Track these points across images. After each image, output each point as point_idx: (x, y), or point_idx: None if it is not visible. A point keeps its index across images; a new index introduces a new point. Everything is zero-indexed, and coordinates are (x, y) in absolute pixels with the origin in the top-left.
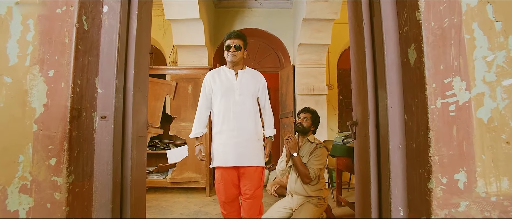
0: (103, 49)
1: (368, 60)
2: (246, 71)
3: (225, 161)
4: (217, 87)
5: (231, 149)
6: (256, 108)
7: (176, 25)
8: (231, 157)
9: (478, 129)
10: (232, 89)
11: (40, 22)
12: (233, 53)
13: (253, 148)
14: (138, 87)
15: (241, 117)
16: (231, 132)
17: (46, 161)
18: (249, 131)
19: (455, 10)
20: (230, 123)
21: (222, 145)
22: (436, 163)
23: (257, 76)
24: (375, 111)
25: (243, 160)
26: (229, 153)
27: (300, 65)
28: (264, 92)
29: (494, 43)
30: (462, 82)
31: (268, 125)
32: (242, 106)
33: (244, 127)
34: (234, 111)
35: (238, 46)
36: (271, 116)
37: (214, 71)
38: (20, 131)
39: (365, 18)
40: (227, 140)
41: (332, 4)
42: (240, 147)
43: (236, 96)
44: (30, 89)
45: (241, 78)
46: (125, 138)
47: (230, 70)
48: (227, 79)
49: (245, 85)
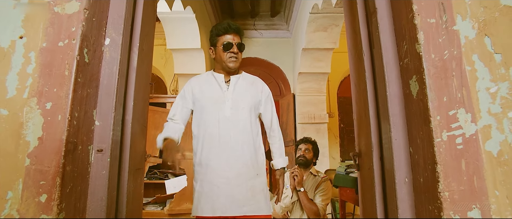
0: (102, 81)
1: (370, 92)
2: (242, 76)
3: (211, 208)
4: (200, 99)
5: (220, 189)
6: (256, 128)
7: (178, 55)
8: (215, 202)
9: (488, 163)
10: (221, 101)
11: (41, 55)
12: (236, 56)
13: (251, 188)
14: (137, 119)
15: (233, 140)
16: (219, 164)
17: (36, 198)
18: (245, 162)
19: (454, 43)
20: (216, 149)
21: (206, 183)
22: (447, 199)
23: (257, 83)
24: (378, 143)
25: (234, 207)
26: (216, 195)
27: (301, 94)
28: (268, 106)
29: (495, 75)
30: (467, 114)
31: (278, 153)
32: (234, 124)
33: (237, 156)
34: (222, 132)
35: (240, 45)
36: (282, 140)
37: (197, 77)
38: (11, 166)
39: (365, 50)
40: (213, 176)
41: (331, 34)
42: (232, 186)
43: (226, 111)
44: (26, 122)
45: (235, 86)
46: (122, 172)
47: (219, 75)
48: (213, 86)
49: (240, 94)
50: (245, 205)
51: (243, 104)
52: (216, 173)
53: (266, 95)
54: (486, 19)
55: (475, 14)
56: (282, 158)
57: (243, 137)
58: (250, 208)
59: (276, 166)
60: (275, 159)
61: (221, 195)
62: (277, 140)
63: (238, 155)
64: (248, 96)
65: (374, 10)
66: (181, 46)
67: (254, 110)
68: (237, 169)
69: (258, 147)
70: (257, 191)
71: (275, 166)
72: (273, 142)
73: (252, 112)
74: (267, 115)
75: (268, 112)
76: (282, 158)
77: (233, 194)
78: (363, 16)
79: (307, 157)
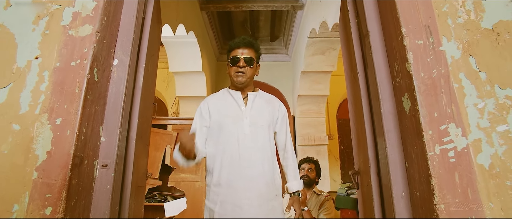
0: (110, 99)
1: (365, 110)
2: (259, 94)
3: None
4: (218, 116)
5: (243, 211)
6: (273, 146)
7: (179, 78)
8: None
9: (481, 176)
10: (239, 118)
11: (54, 74)
12: (242, 71)
13: (272, 209)
14: (140, 136)
15: (253, 158)
16: (240, 184)
17: (41, 210)
18: (266, 181)
19: (441, 62)
20: (236, 168)
21: (228, 205)
22: (443, 211)
23: (274, 102)
24: (375, 159)
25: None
26: (234, 216)
27: (300, 116)
28: (284, 126)
29: (482, 92)
30: (457, 128)
31: (293, 175)
32: (253, 142)
33: (258, 175)
34: (242, 150)
35: (249, 59)
36: (296, 162)
37: (213, 95)
38: (19, 179)
39: (359, 71)
40: (236, 198)
41: (328, 57)
42: (255, 207)
43: (245, 128)
44: (36, 136)
45: (253, 103)
46: (124, 188)
47: (236, 92)
48: (231, 103)
49: (259, 111)
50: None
51: (261, 121)
52: (239, 194)
53: (283, 114)
54: (469, 40)
55: (459, 36)
56: (296, 181)
57: (263, 154)
58: None
59: (291, 189)
60: (290, 182)
61: (244, 217)
62: (291, 162)
63: (259, 174)
64: (266, 114)
65: (367, 33)
66: (183, 69)
67: (271, 128)
68: (259, 189)
69: (275, 167)
70: (278, 213)
71: (290, 189)
72: (288, 164)
73: (270, 130)
74: (282, 135)
75: (282, 132)
76: (296, 181)
77: (257, 215)
78: (357, 39)
79: (310, 176)
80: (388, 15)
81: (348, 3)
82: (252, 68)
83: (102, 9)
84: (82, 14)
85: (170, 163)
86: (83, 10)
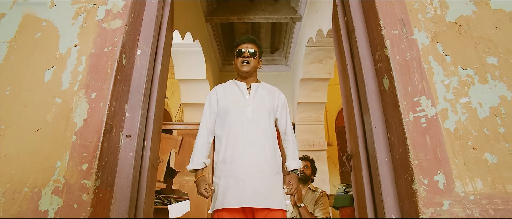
0: (134, 82)
1: (354, 93)
2: (262, 85)
3: (238, 200)
4: (224, 103)
5: (245, 183)
6: (274, 131)
7: (184, 85)
8: (241, 194)
9: (448, 138)
10: (243, 104)
11: (90, 58)
12: (246, 60)
13: (273, 183)
14: (156, 119)
15: (255, 139)
16: (243, 160)
17: (79, 166)
18: (266, 159)
19: (413, 48)
20: (240, 147)
21: (232, 178)
22: (416, 166)
23: (275, 91)
24: (363, 134)
25: (259, 199)
26: (243, 188)
27: (300, 122)
28: (284, 112)
29: (447, 71)
30: (427, 100)
31: (292, 155)
32: (255, 125)
33: (259, 153)
34: (245, 132)
35: (253, 52)
36: (295, 144)
37: (221, 85)
38: (61, 142)
39: (348, 61)
40: (239, 171)
41: (326, 66)
42: (256, 180)
43: (248, 113)
44: (74, 108)
45: (255, 92)
46: (143, 159)
47: (241, 83)
48: (236, 92)
49: (260, 100)
50: (268, 198)
51: (262, 108)
52: (241, 168)
53: (283, 102)
54: (436, 31)
55: (427, 27)
56: (295, 160)
57: (264, 136)
58: (273, 202)
59: (289, 167)
60: (289, 161)
61: (247, 188)
62: (291, 143)
63: (260, 152)
64: (267, 102)
65: (353, 28)
66: (188, 77)
67: (272, 114)
68: (260, 165)
69: (276, 148)
70: (278, 187)
71: (288, 167)
72: (287, 145)
73: (270, 116)
74: (282, 120)
75: (283, 118)
76: (295, 160)
77: (258, 188)
78: (345, 34)
79: (306, 173)
80: (370, 12)
81: (337, 5)
82: (255, 60)
83: (130, 7)
84: (113, 11)
85: (175, 166)
86: (114, 7)
